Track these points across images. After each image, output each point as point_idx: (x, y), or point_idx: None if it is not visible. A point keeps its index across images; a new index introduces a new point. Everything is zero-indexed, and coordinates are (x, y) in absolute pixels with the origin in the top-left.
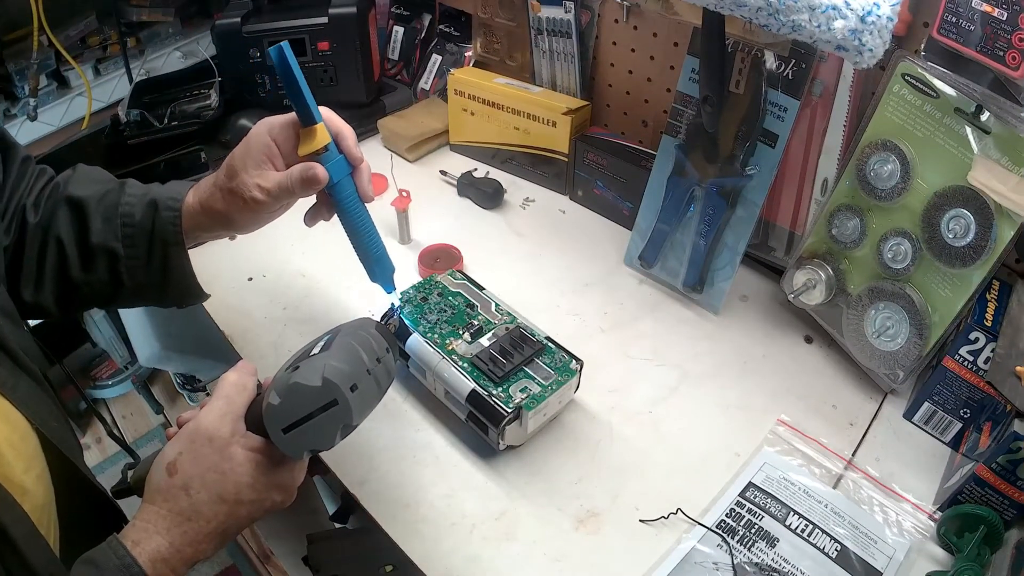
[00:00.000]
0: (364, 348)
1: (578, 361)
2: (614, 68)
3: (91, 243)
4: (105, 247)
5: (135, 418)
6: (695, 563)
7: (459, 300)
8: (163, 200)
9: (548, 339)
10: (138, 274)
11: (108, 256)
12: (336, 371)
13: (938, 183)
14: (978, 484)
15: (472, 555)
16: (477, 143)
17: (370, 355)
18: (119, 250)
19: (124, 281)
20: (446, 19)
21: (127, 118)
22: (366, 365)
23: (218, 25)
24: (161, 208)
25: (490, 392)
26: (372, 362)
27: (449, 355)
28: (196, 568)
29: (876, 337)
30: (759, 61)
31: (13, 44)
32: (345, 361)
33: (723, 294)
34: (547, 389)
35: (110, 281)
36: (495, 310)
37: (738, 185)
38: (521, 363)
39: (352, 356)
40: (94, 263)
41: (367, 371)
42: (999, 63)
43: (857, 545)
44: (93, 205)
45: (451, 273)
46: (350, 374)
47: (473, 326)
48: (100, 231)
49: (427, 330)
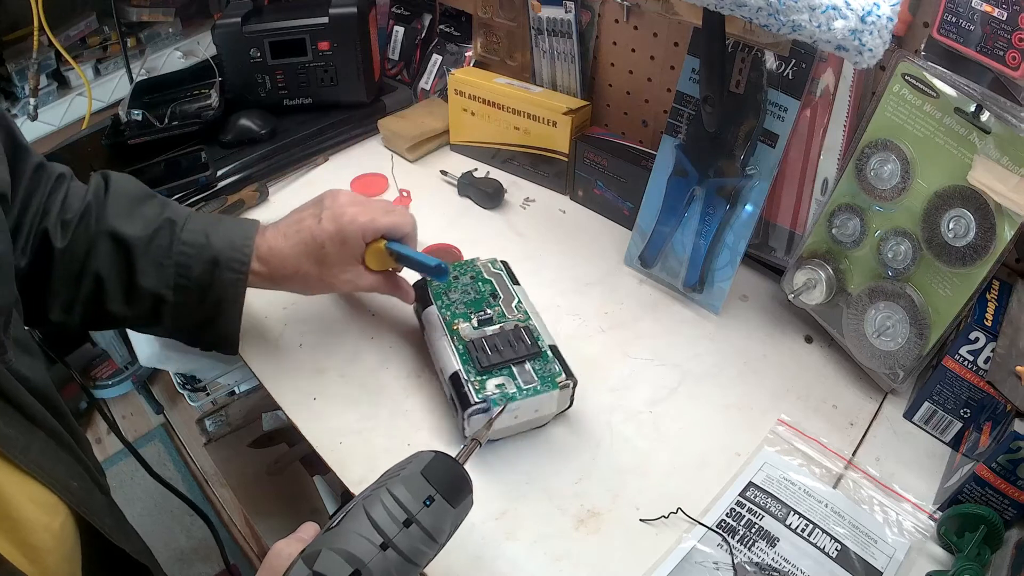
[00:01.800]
0: (381, 517)
1: (570, 378)
2: (614, 68)
3: (137, 284)
4: (154, 292)
5: (135, 418)
6: (695, 562)
7: (487, 288)
8: (226, 260)
9: (552, 348)
10: (182, 320)
11: (154, 299)
12: (330, 561)
13: (938, 183)
14: (978, 484)
15: (472, 555)
16: (477, 143)
17: (392, 522)
18: (168, 297)
19: (165, 322)
20: (446, 19)
21: (127, 118)
22: (381, 540)
23: (218, 25)
24: (224, 268)
25: (469, 378)
26: (394, 530)
27: (452, 334)
28: (196, 566)
29: (876, 337)
30: (759, 61)
31: (13, 44)
32: (348, 542)
33: (723, 294)
34: (521, 392)
35: (150, 318)
36: (514, 305)
37: (738, 185)
38: (509, 360)
39: (359, 532)
40: (138, 302)
41: (381, 547)
42: (999, 63)
43: (857, 545)
44: (141, 248)
45: (492, 261)
46: (352, 560)
47: (486, 314)
48: (150, 275)
49: (444, 306)
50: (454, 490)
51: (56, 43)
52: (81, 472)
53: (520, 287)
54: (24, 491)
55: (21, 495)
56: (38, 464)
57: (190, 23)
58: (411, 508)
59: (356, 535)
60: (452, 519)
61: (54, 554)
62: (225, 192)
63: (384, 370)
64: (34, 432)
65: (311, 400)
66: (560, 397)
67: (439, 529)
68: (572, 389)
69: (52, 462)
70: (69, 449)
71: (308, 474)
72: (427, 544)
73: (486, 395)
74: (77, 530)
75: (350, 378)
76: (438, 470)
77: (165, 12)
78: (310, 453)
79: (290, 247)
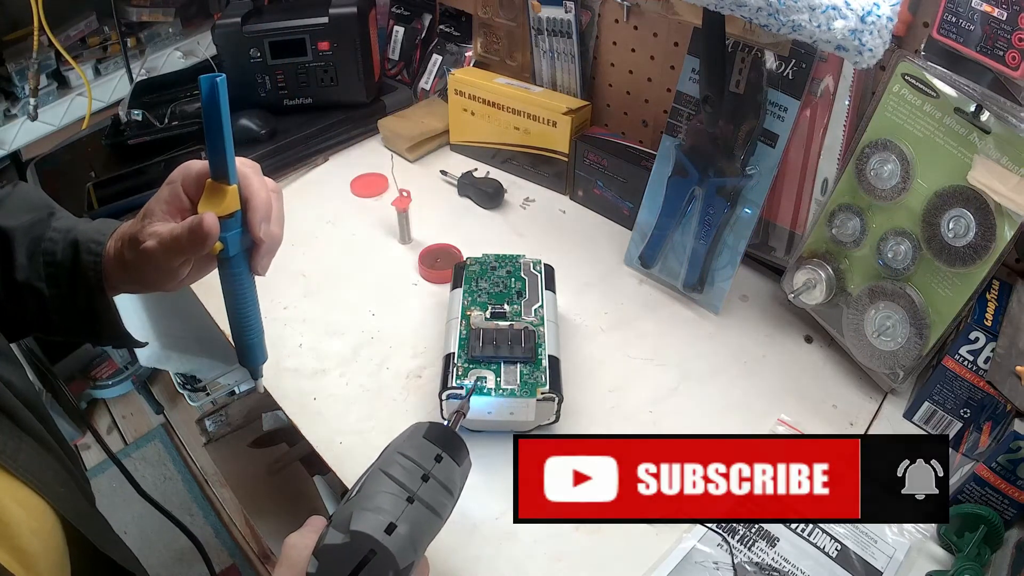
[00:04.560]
0: (401, 474)
1: (554, 392)
2: (614, 68)
3: (16, 280)
4: (30, 285)
5: (135, 418)
6: (695, 562)
7: (519, 284)
8: (85, 242)
9: (552, 359)
10: (66, 314)
11: (34, 294)
12: (365, 518)
13: (938, 183)
14: (978, 483)
15: (472, 555)
16: (477, 143)
17: (411, 478)
18: (44, 290)
19: (53, 319)
20: (446, 19)
21: (127, 118)
22: (406, 494)
23: (218, 25)
24: (82, 250)
25: (457, 363)
26: (415, 485)
27: (464, 319)
28: (195, 567)
29: (876, 337)
30: (759, 61)
31: (13, 44)
32: (375, 501)
33: (723, 294)
34: (498, 391)
35: (39, 318)
36: (534, 309)
37: (738, 185)
38: (501, 358)
39: (384, 490)
40: (22, 300)
41: (408, 500)
42: (999, 63)
43: (857, 545)
44: (19, 238)
45: (536, 262)
46: (384, 514)
47: (501, 309)
48: (24, 267)
49: (468, 291)
50: (456, 449)
51: (56, 43)
52: (67, 479)
53: (552, 294)
54: (14, 496)
55: (11, 500)
56: (27, 469)
57: (190, 23)
58: (425, 464)
59: (382, 493)
60: (460, 474)
61: (44, 560)
62: None
63: (384, 370)
64: (23, 438)
65: (311, 400)
66: (539, 408)
67: (452, 482)
68: (556, 404)
69: (41, 468)
70: (56, 456)
71: (308, 474)
72: (445, 496)
73: (463, 383)
74: (66, 538)
75: (350, 378)
76: (438, 434)
77: (165, 12)
78: (310, 453)
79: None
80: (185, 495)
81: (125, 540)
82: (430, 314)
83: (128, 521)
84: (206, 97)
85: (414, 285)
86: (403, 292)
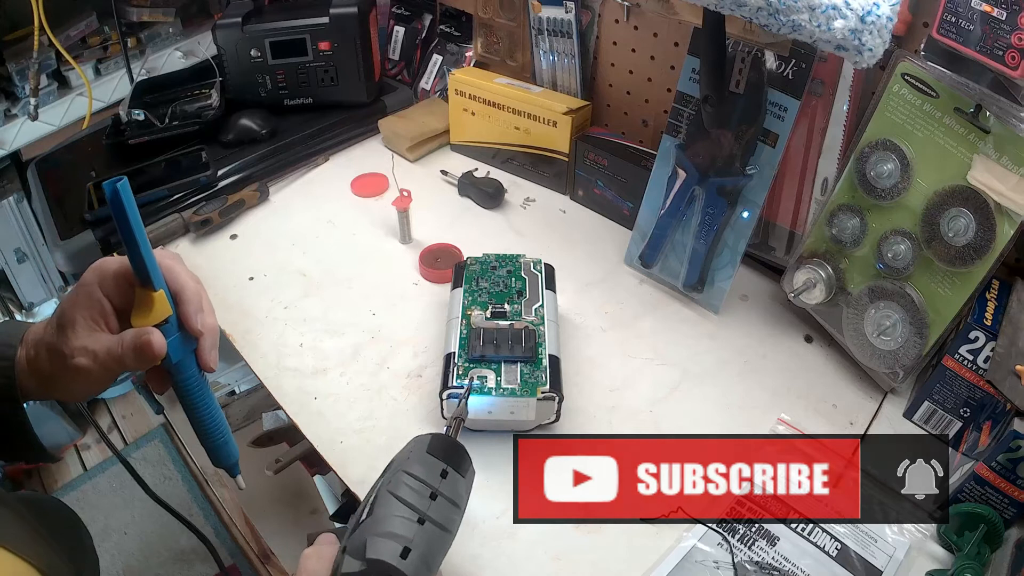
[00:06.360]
0: (409, 495)
1: (555, 392)
2: (614, 68)
3: None
4: None
5: (135, 418)
6: (696, 562)
7: (519, 284)
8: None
9: (552, 359)
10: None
11: None
12: (379, 545)
13: (938, 183)
14: (978, 483)
15: (472, 554)
16: (478, 143)
17: (420, 499)
18: None
19: None
20: (447, 19)
21: (128, 118)
22: (416, 515)
23: (219, 25)
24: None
25: (457, 362)
26: (424, 505)
27: (464, 318)
28: (196, 567)
29: (876, 336)
30: (759, 61)
31: (13, 44)
32: (387, 525)
33: (723, 294)
34: (498, 390)
35: None
36: (535, 308)
37: (738, 185)
38: (501, 358)
39: (395, 514)
40: None
41: (419, 521)
42: (998, 63)
43: (857, 544)
44: None
45: (536, 261)
46: (398, 539)
47: (502, 308)
48: None
49: (469, 291)
50: (459, 461)
51: (56, 43)
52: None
53: (552, 294)
54: None
55: None
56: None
57: (190, 23)
58: (432, 483)
59: (393, 517)
60: (465, 486)
61: None
62: (225, 192)
63: (385, 370)
64: None
65: (311, 400)
66: (540, 407)
67: (459, 495)
68: (557, 403)
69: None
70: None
71: (308, 474)
72: (454, 512)
73: (464, 382)
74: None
75: (351, 378)
76: (440, 447)
77: (165, 12)
78: (311, 452)
79: (44, 323)
80: (185, 495)
81: (125, 540)
82: (430, 314)
83: (128, 521)
84: (111, 203)
85: (414, 285)
86: (403, 292)
